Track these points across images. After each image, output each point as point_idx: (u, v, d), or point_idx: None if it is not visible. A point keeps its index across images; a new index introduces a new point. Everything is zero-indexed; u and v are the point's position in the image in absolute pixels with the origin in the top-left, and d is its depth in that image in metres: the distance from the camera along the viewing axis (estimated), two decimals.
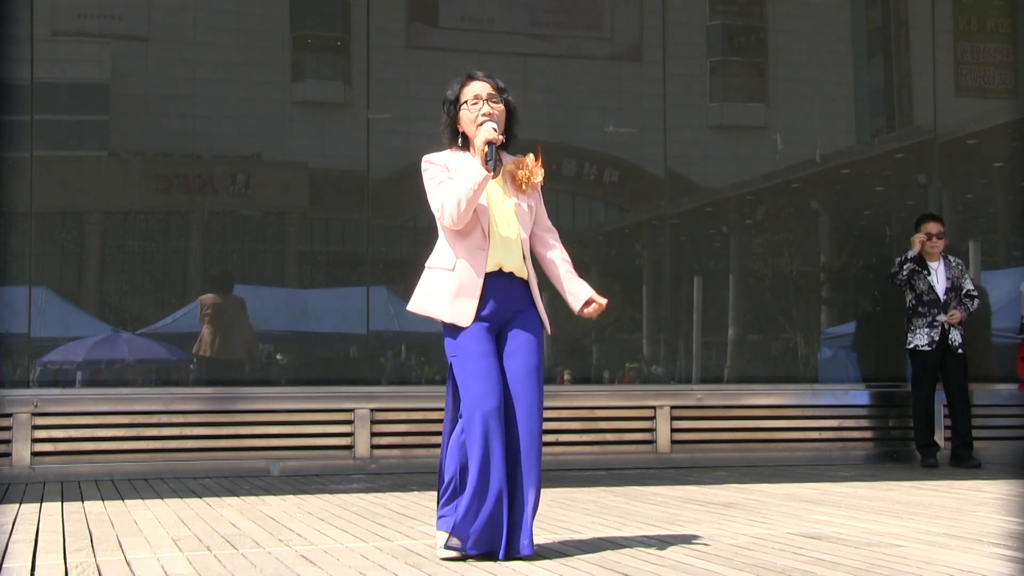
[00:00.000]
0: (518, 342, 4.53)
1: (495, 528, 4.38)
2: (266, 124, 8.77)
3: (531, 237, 4.68)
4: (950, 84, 9.88)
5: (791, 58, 9.79)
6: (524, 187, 4.62)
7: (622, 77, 9.47)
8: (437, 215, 4.52)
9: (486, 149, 4.45)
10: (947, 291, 8.82)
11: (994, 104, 10.18)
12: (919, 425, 8.79)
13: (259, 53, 8.82)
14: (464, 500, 4.37)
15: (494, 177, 4.53)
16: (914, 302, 8.87)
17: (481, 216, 4.52)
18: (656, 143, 9.24)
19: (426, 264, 4.61)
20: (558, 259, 4.72)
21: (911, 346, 8.83)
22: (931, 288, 8.81)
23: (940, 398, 8.92)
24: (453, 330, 4.51)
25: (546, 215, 4.75)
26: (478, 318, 4.48)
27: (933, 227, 8.89)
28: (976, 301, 8.90)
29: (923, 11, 9.92)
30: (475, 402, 4.38)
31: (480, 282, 4.48)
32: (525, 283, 4.59)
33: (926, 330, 8.77)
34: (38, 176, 8.19)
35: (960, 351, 8.78)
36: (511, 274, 4.55)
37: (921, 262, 8.84)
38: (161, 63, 8.60)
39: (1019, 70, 10.11)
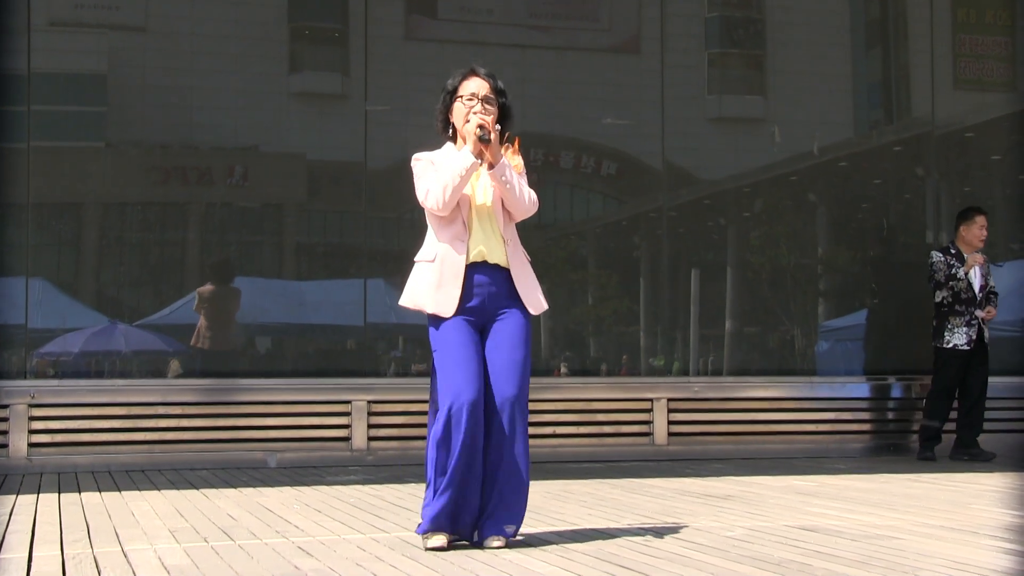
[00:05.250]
0: (503, 336, 4.52)
1: (472, 516, 4.43)
2: (264, 115, 8.75)
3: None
4: (948, 77, 9.86)
5: (789, 50, 9.77)
6: None
7: (620, 69, 9.45)
8: (421, 199, 4.52)
9: (478, 132, 4.44)
10: (982, 288, 8.74)
11: (992, 97, 10.17)
12: (935, 419, 8.68)
13: (257, 44, 8.81)
14: (440, 490, 4.38)
15: (481, 163, 4.49)
16: (951, 300, 8.69)
17: (463, 206, 4.52)
18: (654, 135, 9.23)
19: (414, 259, 4.62)
20: None
21: (950, 345, 8.65)
22: (969, 286, 8.69)
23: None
24: (436, 321, 4.51)
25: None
26: (462, 311, 4.48)
27: (983, 220, 8.77)
28: (997, 296, 8.85)
29: (921, 3, 9.90)
30: (453, 393, 4.38)
31: (461, 271, 4.48)
32: (509, 275, 4.57)
33: (964, 329, 8.63)
34: (35, 167, 8.17)
35: (987, 346, 8.75)
36: (496, 265, 4.54)
37: (960, 258, 8.75)
38: (158, 54, 8.58)
39: (1018, 63, 10.10)
